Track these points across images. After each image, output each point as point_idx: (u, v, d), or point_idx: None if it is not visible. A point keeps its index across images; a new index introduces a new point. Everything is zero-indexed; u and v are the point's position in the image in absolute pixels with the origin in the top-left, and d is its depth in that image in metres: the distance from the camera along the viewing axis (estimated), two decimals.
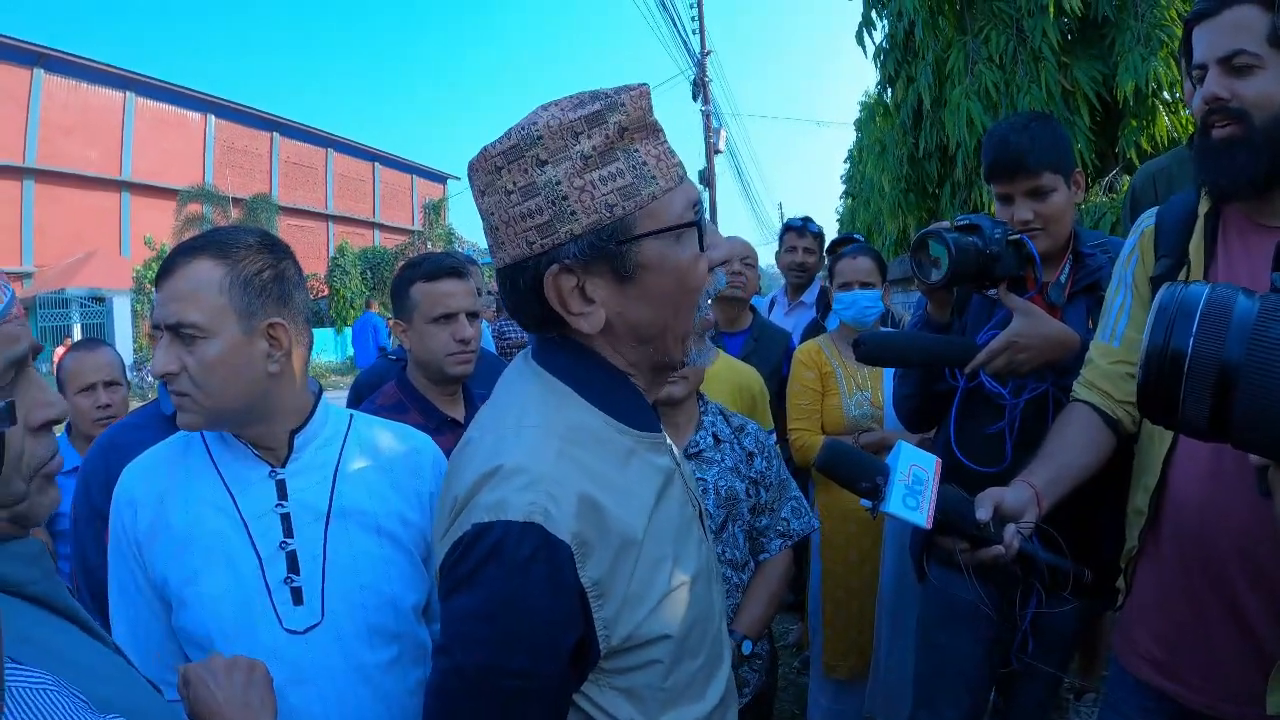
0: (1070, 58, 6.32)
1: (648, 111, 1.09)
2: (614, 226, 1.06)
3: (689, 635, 1.14)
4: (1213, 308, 1.16)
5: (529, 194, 1.06)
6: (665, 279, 1.11)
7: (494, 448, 1.09)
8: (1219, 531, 1.54)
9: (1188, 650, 1.64)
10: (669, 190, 1.10)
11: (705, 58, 23.21)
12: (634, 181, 1.06)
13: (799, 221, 4.44)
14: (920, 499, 1.56)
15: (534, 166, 1.05)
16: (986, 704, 2.41)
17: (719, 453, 2.25)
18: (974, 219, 2.08)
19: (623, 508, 1.08)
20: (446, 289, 2.44)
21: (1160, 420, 1.25)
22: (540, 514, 1.01)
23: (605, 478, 1.09)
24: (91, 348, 3.14)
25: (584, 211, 1.05)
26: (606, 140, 1.05)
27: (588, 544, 1.03)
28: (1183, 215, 1.74)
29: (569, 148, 1.04)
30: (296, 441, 1.51)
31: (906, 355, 2.23)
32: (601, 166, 1.05)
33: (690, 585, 1.15)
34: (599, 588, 1.04)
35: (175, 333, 1.38)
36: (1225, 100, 1.56)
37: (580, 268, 1.07)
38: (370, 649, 1.46)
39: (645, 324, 1.13)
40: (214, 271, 1.38)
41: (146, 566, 1.44)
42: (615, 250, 1.07)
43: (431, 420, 2.43)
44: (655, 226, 1.08)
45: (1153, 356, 1.19)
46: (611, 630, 1.06)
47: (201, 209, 26.83)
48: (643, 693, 1.11)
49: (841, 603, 3.22)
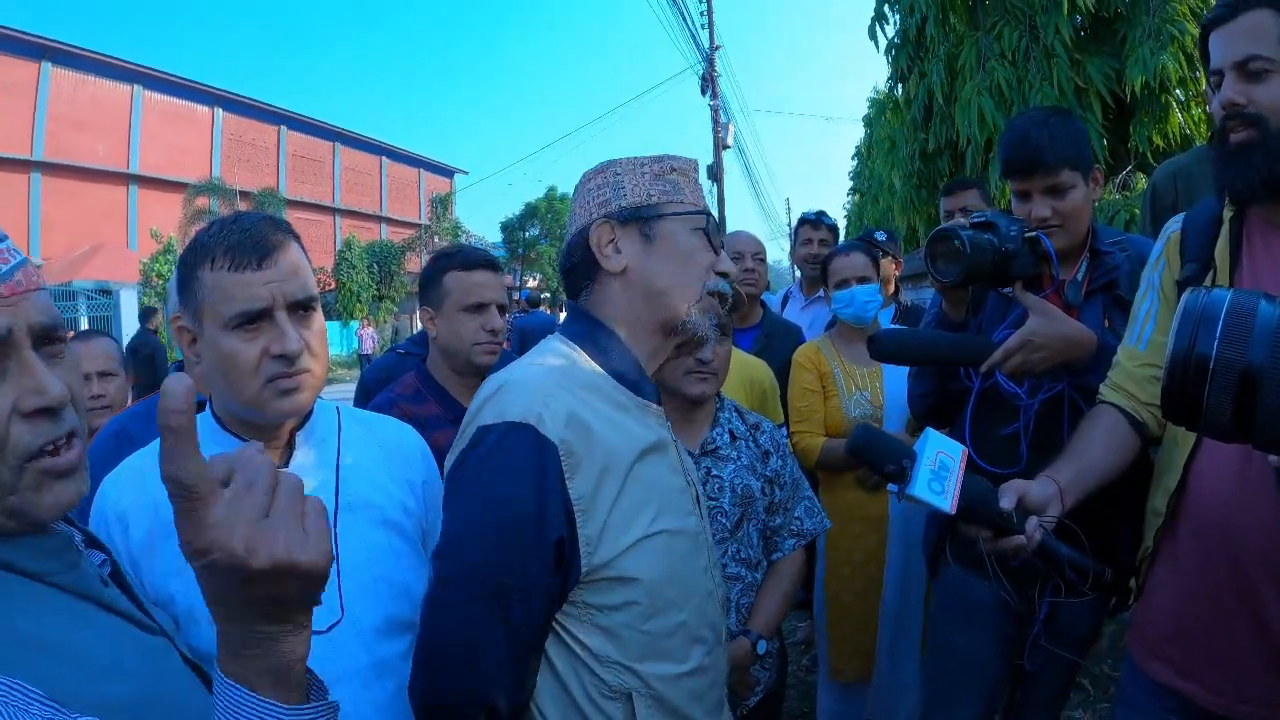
0: (1082, 54, 6.28)
1: (693, 170, 1.50)
2: (648, 206, 1.42)
3: (666, 585, 1.30)
4: (1235, 313, 1.18)
5: (602, 188, 1.45)
6: (677, 249, 1.42)
7: (503, 375, 1.35)
8: (1242, 532, 1.54)
9: (1205, 650, 1.63)
10: (693, 209, 1.46)
11: (714, 52, 23.17)
12: (669, 189, 1.45)
13: (814, 215, 4.44)
14: (945, 485, 1.57)
15: (611, 175, 1.46)
16: (1000, 703, 2.39)
17: (735, 450, 2.23)
18: (990, 216, 2.07)
19: (611, 434, 1.29)
20: (480, 279, 2.47)
21: (1184, 422, 1.26)
22: (534, 417, 1.22)
23: (597, 409, 1.30)
24: (86, 338, 3.09)
25: (632, 194, 1.43)
26: (660, 170, 1.46)
27: (574, 454, 1.23)
28: (1208, 220, 1.74)
29: (637, 168, 1.46)
30: (297, 438, 1.49)
31: (921, 353, 2.22)
32: (653, 180, 1.45)
33: (672, 537, 1.33)
34: (583, 502, 1.22)
35: (297, 309, 1.39)
36: (1241, 106, 1.57)
37: (618, 225, 1.42)
38: (390, 641, 1.45)
39: (655, 274, 1.41)
40: (301, 251, 1.44)
41: (145, 583, 1.35)
42: (646, 219, 1.42)
43: (450, 412, 2.43)
44: (677, 211, 1.43)
45: (1177, 361, 1.20)
46: (594, 550, 1.23)
47: (208, 202, 26.90)
48: (622, 633, 1.27)
49: (847, 606, 3.20)
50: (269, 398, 1.37)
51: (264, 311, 1.35)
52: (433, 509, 1.61)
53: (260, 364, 1.35)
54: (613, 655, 1.26)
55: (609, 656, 1.25)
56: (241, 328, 1.35)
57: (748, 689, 2.16)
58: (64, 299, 24.23)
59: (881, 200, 13.99)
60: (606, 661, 1.25)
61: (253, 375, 1.36)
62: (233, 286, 1.34)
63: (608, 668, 1.26)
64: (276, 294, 1.35)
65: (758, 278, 3.74)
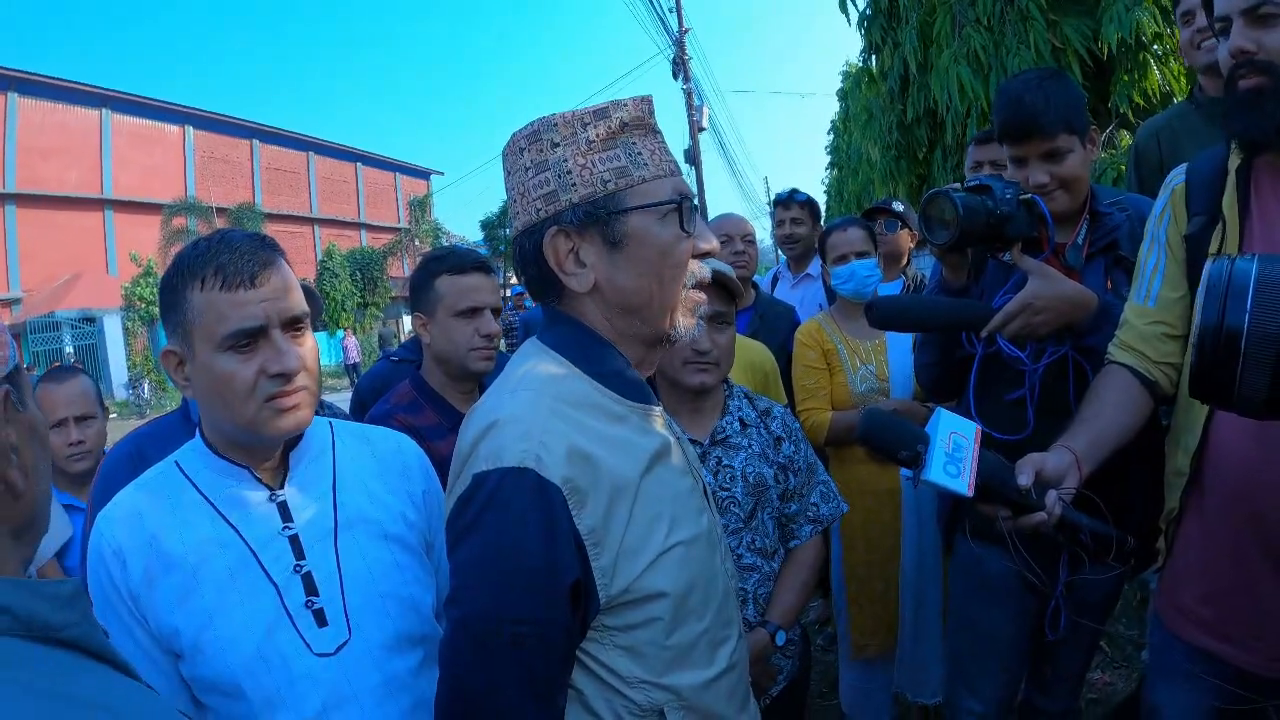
0: (1059, 14, 6.23)
1: (647, 114, 1.26)
2: (606, 198, 1.21)
3: (689, 595, 1.23)
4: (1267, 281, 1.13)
5: (541, 169, 1.23)
6: (649, 250, 1.23)
7: (493, 407, 1.21)
8: (1265, 490, 1.52)
9: (1236, 609, 1.61)
10: (658, 177, 1.24)
11: (684, 35, 23.13)
12: (627, 165, 1.22)
13: (785, 194, 4.44)
14: (961, 466, 1.53)
15: (548, 148, 1.23)
16: (1023, 676, 2.38)
17: (746, 438, 2.18)
18: (985, 179, 2.04)
19: (614, 457, 1.18)
20: (473, 283, 2.40)
21: (1215, 400, 1.21)
22: (532, 459, 1.11)
23: (596, 431, 1.19)
24: (60, 379, 2.85)
25: (582, 184, 1.21)
26: (609, 131, 1.22)
27: (580, 490, 1.12)
28: (1213, 171, 1.70)
29: (577, 134, 1.22)
30: (291, 458, 1.46)
31: (920, 320, 2.18)
32: (602, 151, 1.22)
33: (689, 546, 1.24)
34: (594, 535, 1.13)
35: (290, 326, 1.37)
36: (1252, 52, 1.52)
37: (575, 232, 1.22)
38: (401, 656, 1.42)
39: (631, 290, 1.25)
40: (287, 267, 1.40)
41: (147, 618, 1.33)
42: (606, 218, 1.21)
43: (448, 419, 2.39)
44: (641, 203, 1.22)
45: (1206, 335, 1.15)
46: (610, 580, 1.15)
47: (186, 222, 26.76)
48: (645, 650, 1.20)
49: (865, 580, 3.18)
50: (268, 417, 1.35)
51: (259, 330, 1.32)
52: (435, 519, 1.58)
53: (257, 384, 1.33)
54: (639, 674, 1.20)
55: (636, 676, 1.20)
56: (236, 348, 1.32)
57: (770, 679, 2.13)
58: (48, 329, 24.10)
59: (861, 173, 13.94)
60: (634, 682, 1.20)
61: (249, 396, 1.33)
62: (226, 306, 1.31)
63: (636, 688, 1.20)
64: (271, 312, 1.33)
65: (749, 260, 3.71)
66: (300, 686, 1.32)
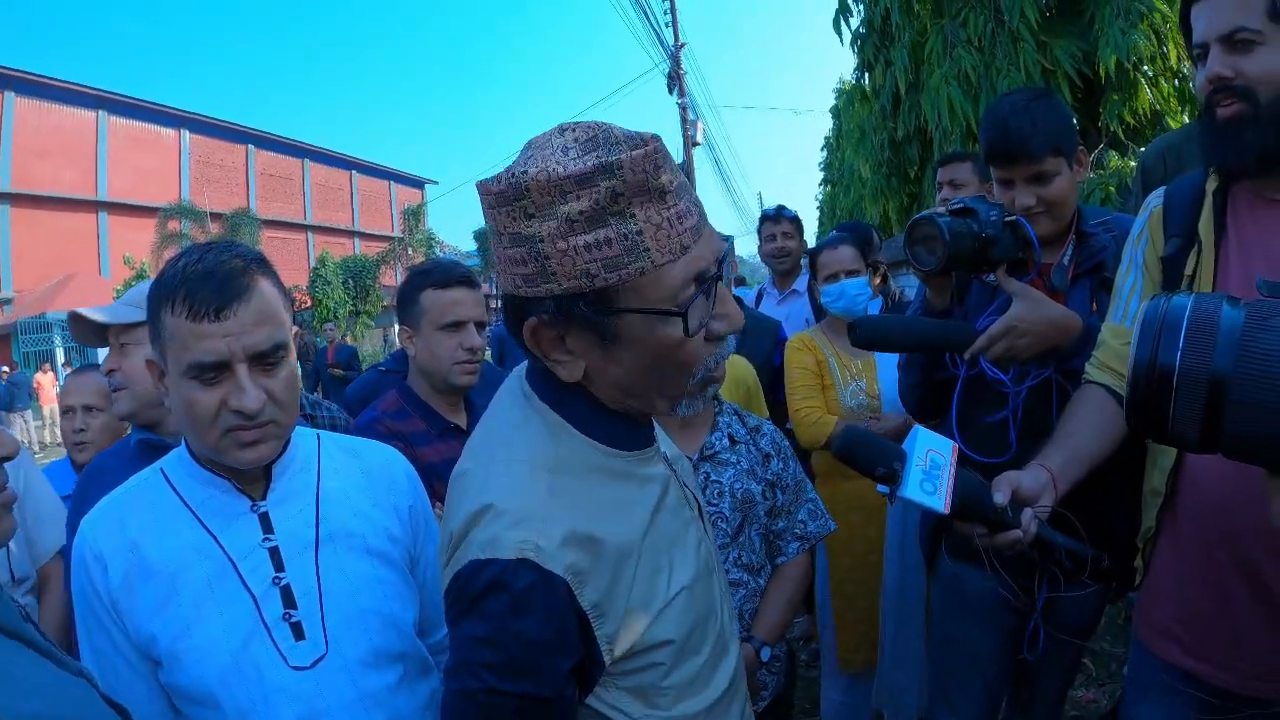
0: (1049, 36, 6.30)
1: (651, 175, 0.98)
2: (593, 296, 1.00)
3: (690, 637, 1.17)
4: (1198, 319, 1.12)
5: (516, 242, 1.01)
6: (647, 354, 1.06)
7: (484, 483, 1.08)
8: (1240, 507, 1.52)
9: (1211, 628, 1.62)
10: (666, 263, 1.00)
11: (679, 50, 23.14)
12: (621, 254, 0.98)
13: (773, 210, 4.51)
14: (938, 484, 1.53)
15: (521, 217, 0.99)
16: (1004, 695, 2.38)
17: (735, 454, 2.19)
18: (969, 202, 2.04)
19: (617, 524, 1.09)
20: (456, 297, 2.41)
21: (1150, 434, 1.22)
22: (531, 550, 1.01)
23: (597, 499, 1.09)
24: (80, 372, 3.05)
25: (563, 275, 0.99)
26: (595, 205, 0.96)
27: (583, 572, 1.04)
28: (1191, 194, 1.71)
29: (555, 205, 0.97)
30: (274, 470, 1.44)
31: (903, 340, 2.18)
32: (588, 232, 0.97)
33: (690, 589, 1.17)
34: (599, 609, 1.05)
35: (257, 362, 1.31)
36: (1229, 79, 1.53)
37: (560, 323, 1.04)
38: (378, 673, 1.41)
39: (626, 384, 1.10)
40: (275, 288, 1.35)
41: (125, 624, 1.33)
42: (593, 318, 1.02)
43: (435, 426, 2.40)
44: (639, 304, 1.01)
45: (1140, 372, 1.15)
46: (615, 644, 1.08)
47: (180, 225, 26.67)
48: (648, 691, 1.14)
49: (851, 596, 3.18)
50: (228, 447, 1.33)
51: (221, 364, 1.29)
52: (421, 533, 1.57)
53: (219, 414, 1.30)
54: (646, 713, 1.14)
55: (641, 714, 1.14)
56: (199, 379, 1.29)
57: (754, 694, 2.14)
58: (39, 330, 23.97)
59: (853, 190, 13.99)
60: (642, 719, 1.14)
61: (212, 424, 1.31)
62: (189, 337, 1.27)
63: None
64: (235, 347, 1.28)
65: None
66: (275, 700, 1.32)
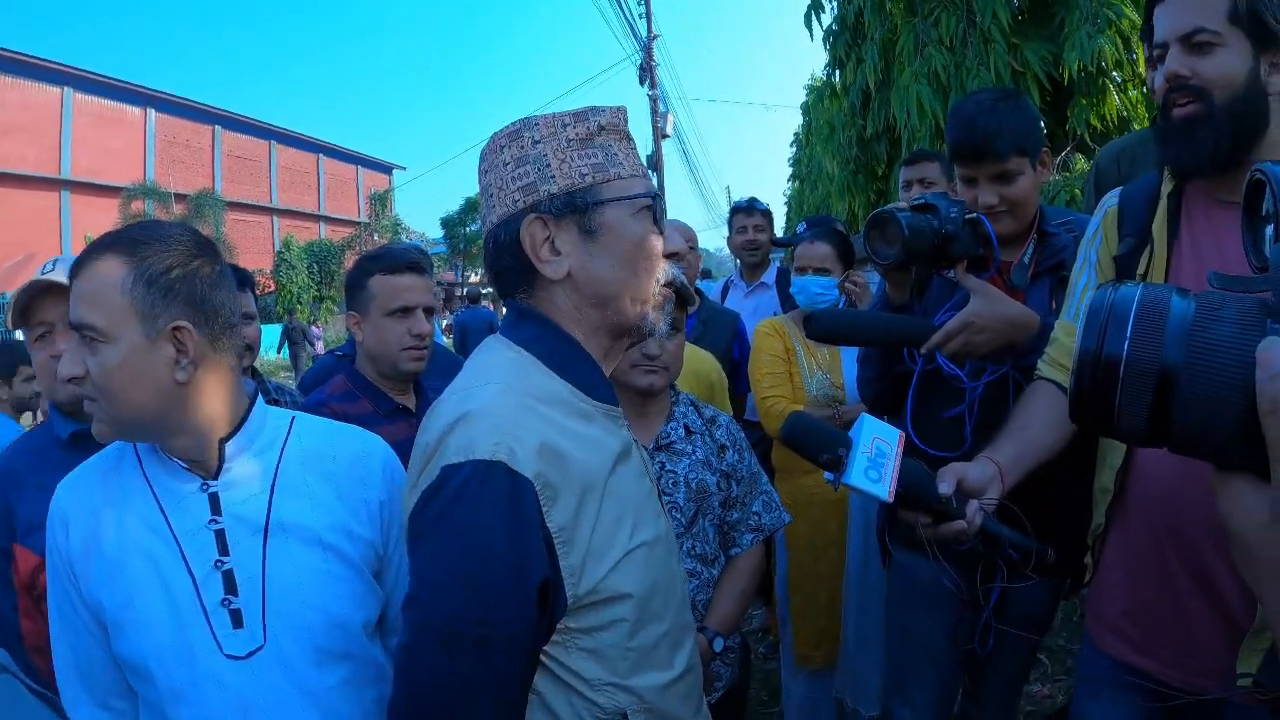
0: (1020, 38, 6.35)
1: (622, 122, 1.33)
2: (584, 190, 1.26)
3: (651, 598, 1.23)
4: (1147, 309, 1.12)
5: (521, 163, 1.28)
6: (623, 242, 1.28)
7: (461, 400, 1.18)
8: (1189, 505, 1.53)
9: (1159, 625, 1.63)
10: (633, 176, 1.31)
11: (652, 42, 23.10)
12: (604, 162, 1.28)
13: (745, 202, 4.52)
14: (882, 471, 1.53)
15: (529, 144, 1.28)
16: (958, 686, 2.39)
17: (690, 444, 2.18)
18: (930, 198, 2.05)
19: (584, 454, 1.18)
20: (405, 283, 2.39)
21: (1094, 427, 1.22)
22: (505, 453, 1.09)
23: (566, 428, 1.19)
24: None
25: (561, 176, 1.26)
26: (587, 132, 1.29)
27: (551, 485, 1.11)
28: (1146, 195, 1.73)
29: (557, 133, 1.28)
30: (228, 450, 1.39)
31: (859, 333, 2.20)
32: (580, 149, 1.28)
33: (651, 548, 1.25)
34: (564, 533, 1.12)
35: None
36: (1186, 78, 1.55)
37: (552, 220, 1.26)
38: (319, 671, 1.37)
39: (605, 280, 1.28)
40: (119, 270, 1.29)
41: (80, 588, 1.34)
42: (583, 208, 1.26)
43: (383, 407, 2.39)
44: (617, 196, 1.28)
45: (1085, 363, 1.14)
46: (578, 580, 1.14)
47: (144, 206, 26.28)
48: (609, 653, 1.19)
49: (810, 592, 3.19)
50: None
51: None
52: (394, 530, 1.51)
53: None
54: (603, 676, 1.18)
55: (599, 679, 1.18)
56: None
57: (708, 685, 2.14)
58: None
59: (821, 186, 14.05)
60: (598, 684, 1.18)
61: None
62: None
63: (600, 690, 1.18)
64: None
65: (691, 266, 3.73)
66: (205, 686, 1.30)
